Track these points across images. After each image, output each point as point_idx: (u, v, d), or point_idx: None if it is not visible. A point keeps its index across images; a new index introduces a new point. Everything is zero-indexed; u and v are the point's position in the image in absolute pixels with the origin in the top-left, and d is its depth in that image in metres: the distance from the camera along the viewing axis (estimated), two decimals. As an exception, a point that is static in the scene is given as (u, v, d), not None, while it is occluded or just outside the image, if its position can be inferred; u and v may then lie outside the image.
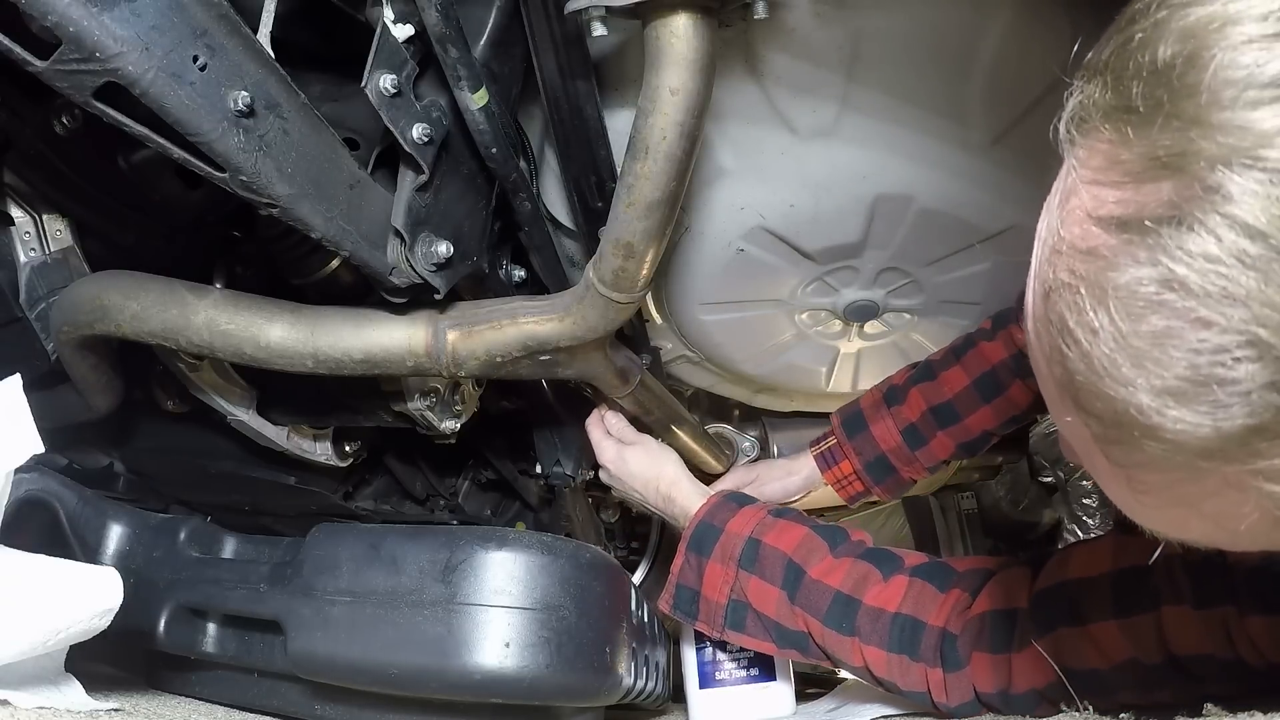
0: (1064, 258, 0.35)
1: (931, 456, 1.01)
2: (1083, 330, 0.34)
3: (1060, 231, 0.36)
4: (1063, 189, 0.37)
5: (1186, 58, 0.30)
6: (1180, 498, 0.36)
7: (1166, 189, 0.31)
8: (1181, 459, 0.33)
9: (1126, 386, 0.33)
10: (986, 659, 0.73)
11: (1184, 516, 0.37)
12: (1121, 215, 0.32)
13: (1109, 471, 0.39)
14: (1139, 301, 0.32)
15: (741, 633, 0.86)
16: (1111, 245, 0.33)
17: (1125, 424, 0.34)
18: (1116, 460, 0.37)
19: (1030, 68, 0.73)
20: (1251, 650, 0.58)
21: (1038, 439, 1.73)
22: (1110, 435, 0.35)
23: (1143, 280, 0.31)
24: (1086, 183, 0.35)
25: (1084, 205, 0.35)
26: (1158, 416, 0.32)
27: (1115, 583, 0.67)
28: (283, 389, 0.91)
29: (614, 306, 0.74)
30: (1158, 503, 0.37)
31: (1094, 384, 0.34)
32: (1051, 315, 0.37)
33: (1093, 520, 1.76)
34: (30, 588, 0.56)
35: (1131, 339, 0.32)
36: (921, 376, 1.01)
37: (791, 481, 1.10)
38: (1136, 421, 0.33)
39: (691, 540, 0.89)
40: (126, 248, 0.83)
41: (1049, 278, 0.37)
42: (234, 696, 0.82)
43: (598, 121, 0.75)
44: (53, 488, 0.81)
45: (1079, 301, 0.34)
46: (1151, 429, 0.33)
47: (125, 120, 0.51)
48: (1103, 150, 0.34)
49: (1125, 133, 0.33)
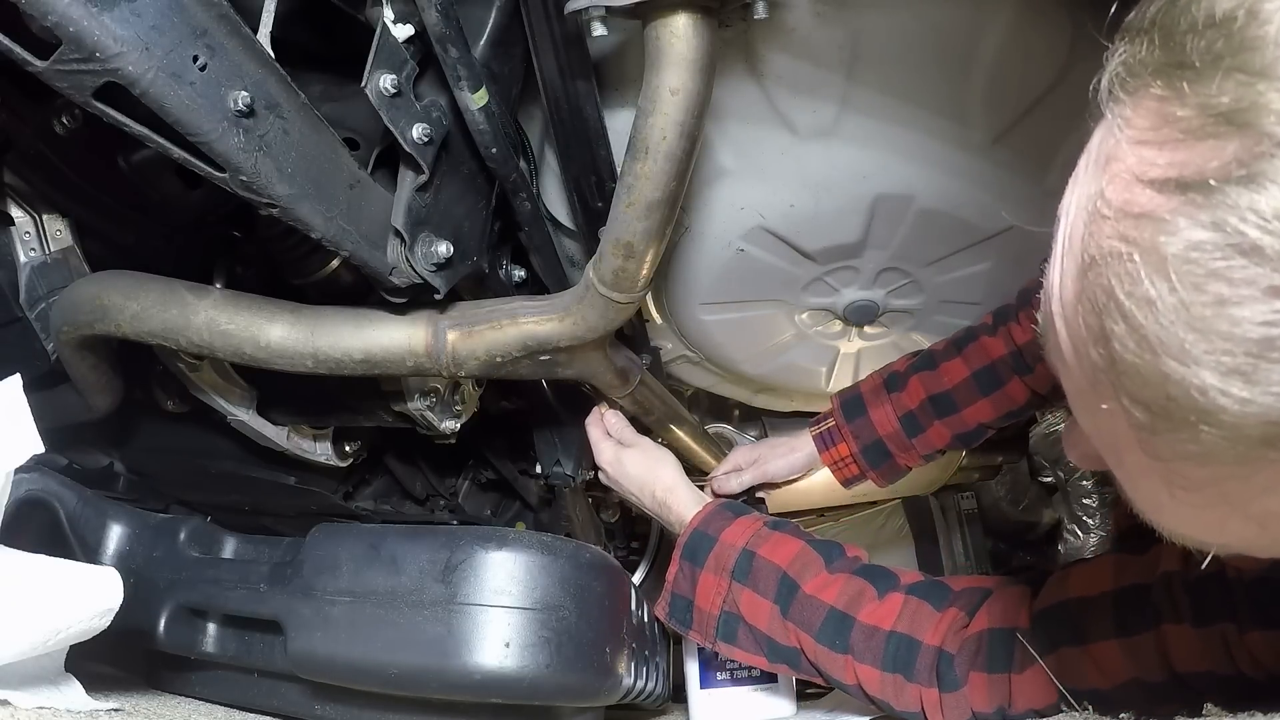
0: (1110, 223, 0.32)
1: (928, 445, 1.01)
2: (1135, 302, 0.31)
3: (1105, 196, 0.33)
4: (1101, 153, 0.34)
5: (1248, 10, 0.28)
6: (1225, 495, 0.33)
7: (1231, 146, 0.28)
8: (1241, 449, 0.30)
9: (1186, 364, 0.29)
10: (984, 679, 0.72)
11: (1225, 518, 0.34)
12: (1179, 176, 0.29)
13: (1143, 468, 0.35)
14: (1203, 268, 0.28)
15: (733, 645, 0.85)
16: (1171, 207, 0.29)
17: (1178, 409, 0.31)
18: (1158, 454, 0.33)
19: (1031, 67, 0.73)
20: (1252, 664, 0.57)
21: (1038, 439, 1.72)
22: (1157, 424, 0.32)
23: (1206, 245, 0.28)
24: (1133, 143, 0.32)
25: (1131, 167, 0.32)
26: (1222, 398, 0.29)
27: (1116, 601, 0.66)
28: (283, 389, 0.91)
29: (614, 306, 0.74)
30: (1198, 502, 0.34)
31: (1146, 364, 0.31)
32: (1093, 290, 0.33)
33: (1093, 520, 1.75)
34: (30, 588, 0.56)
35: (1194, 309, 0.29)
36: (922, 365, 1.00)
37: (796, 458, 1.08)
38: (1195, 404, 0.30)
39: (685, 549, 0.89)
40: (126, 248, 0.83)
41: (1090, 249, 0.33)
42: (234, 696, 0.82)
43: (598, 121, 0.75)
44: (53, 488, 0.81)
45: (1131, 270, 0.31)
46: (1211, 413, 0.30)
47: (125, 120, 0.51)
48: (1152, 108, 0.31)
49: (1180, 88, 0.30)
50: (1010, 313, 0.97)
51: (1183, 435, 0.31)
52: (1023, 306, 0.94)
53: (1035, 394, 0.95)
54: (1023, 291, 0.96)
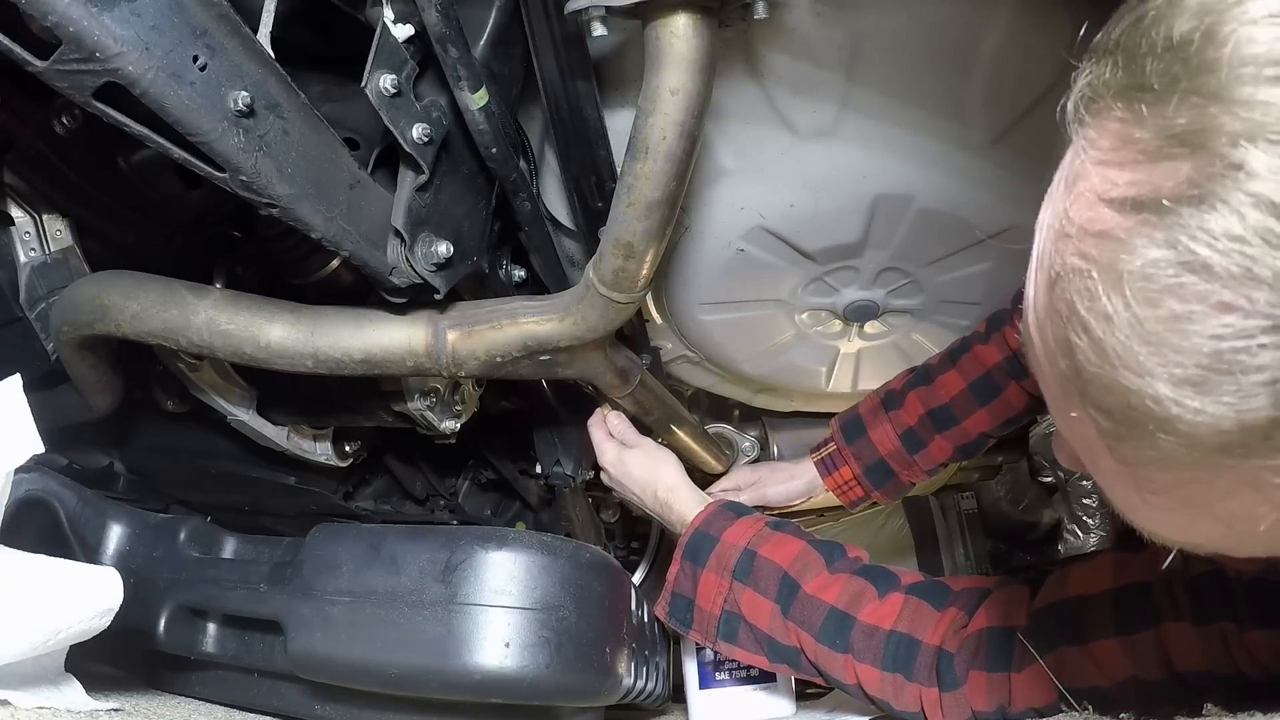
0: (1073, 242, 0.33)
1: (930, 460, 1.02)
2: (1094, 317, 0.32)
3: (1068, 215, 0.34)
4: (1069, 173, 0.36)
5: (1204, 33, 0.29)
6: (1191, 498, 0.34)
7: (1184, 167, 0.29)
8: (1197, 455, 0.31)
9: (1142, 376, 0.31)
10: (984, 677, 0.72)
11: (1193, 519, 0.35)
12: (1136, 195, 0.31)
13: (1114, 472, 0.37)
14: (1156, 285, 0.30)
15: (734, 644, 0.85)
16: (1126, 226, 0.31)
17: (1138, 417, 0.32)
18: (1124, 459, 0.35)
19: (1030, 67, 0.73)
20: (1251, 664, 0.57)
21: (1038, 439, 1.73)
22: (1120, 431, 0.33)
23: (1160, 262, 0.30)
24: (1096, 164, 0.33)
25: (1094, 187, 0.33)
26: (1175, 408, 0.30)
27: (1116, 600, 0.66)
28: (283, 389, 0.91)
29: (614, 306, 0.74)
30: (1166, 505, 0.35)
31: (1106, 375, 0.32)
32: (1059, 304, 0.34)
33: (1093, 520, 1.76)
34: (30, 588, 0.56)
35: (1148, 324, 0.30)
36: (918, 381, 1.01)
37: (794, 485, 1.10)
38: (1151, 414, 0.31)
39: (687, 548, 0.89)
40: (126, 248, 0.83)
41: (1056, 265, 0.35)
42: (234, 696, 0.82)
43: (598, 121, 0.75)
44: (53, 488, 0.81)
45: (1090, 287, 0.32)
46: (1167, 421, 0.31)
47: (125, 120, 0.51)
48: (1114, 129, 0.33)
49: (1139, 110, 0.31)
50: (1005, 317, 0.97)
51: (1144, 443, 0.33)
52: (1017, 310, 0.94)
53: (1033, 398, 0.95)
54: (1018, 295, 0.96)
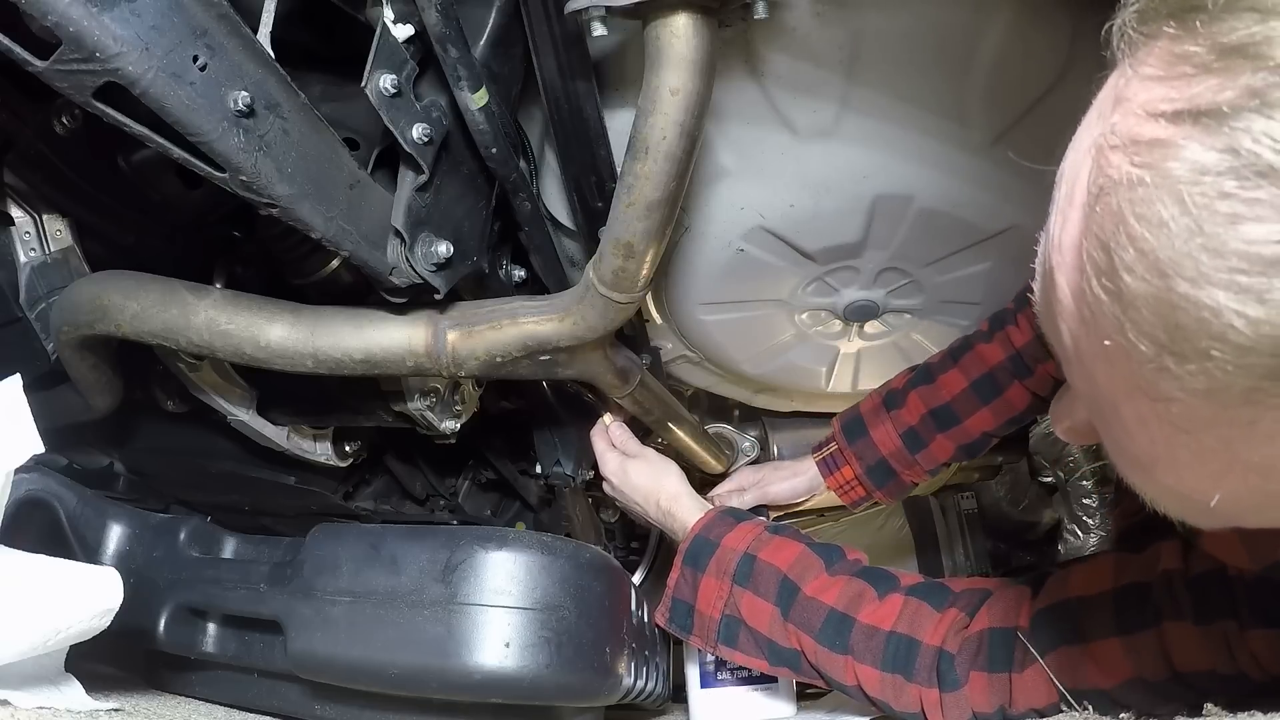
0: (1121, 153, 0.32)
1: (931, 459, 1.01)
2: (1146, 226, 0.30)
3: (1113, 131, 0.33)
4: (1114, 94, 0.34)
5: None
6: (1229, 439, 0.32)
7: (1243, 78, 0.29)
8: (1248, 381, 0.30)
9: (1199, 285, 0.29)
10: (984, 678, 0.72)
11: (1224, 467, 0.33)
12: (1192, 106, 0.30)
13: (1142, 416, 0.34)
14: (1216, 189, 0.29)
15: (734, 648, 0.85)
16: (1183, 134, 0.30)
17: (1189, 334, 0.30)
18: (1161, 392, 0.32)
19: (1031, 67, 0.73)
20: (1253, 664, 0.57)
21: (1038, 439, 1.73)
22: (1164, 356, 0.31)
23: (1220, 167, 0.29)
24: (1146, 80, 0.32)
25: (1144, 103, 0.32)
26: (1236, 318, 0.29)
27: (1117, 600, 0.66)
28: (283, 389, 0.91)
29: (614, 306, 0.74)
30: (1197, 449, 0.33)
31: (1155, 289, 0.30)
32: (1103, 220, 0.33)
33: (1093, 520, 1.75)
34: (30, 588, 0.56)
35: (1208, 228, 0.29)
36: (920, 380, 1.01)
37: (798, 483, 1.10)
38: (1207, 327, 0.29)
39: (687, 554, 0.89)
40: (126, 248, 0.83)
41: (1098, 180, 0.33)
42: (234, 696, 0.82)
43: (598, 121, 0.75)
44: (53, 488, 0.81)
45: (1143, 194, 0.31)
46: (1222, 334, 0.29)
47: (125, 120, 0.51)
48: (1164, 47, 0.32)
49: (1193, 26, 0.30)
50: (1008, 316, 0.97)
51: (1190, 367, 0.31)
52: (1020, 309, 0.94)
53: (1036, 397, 0.95)
54: (1019, 295, 0.96)
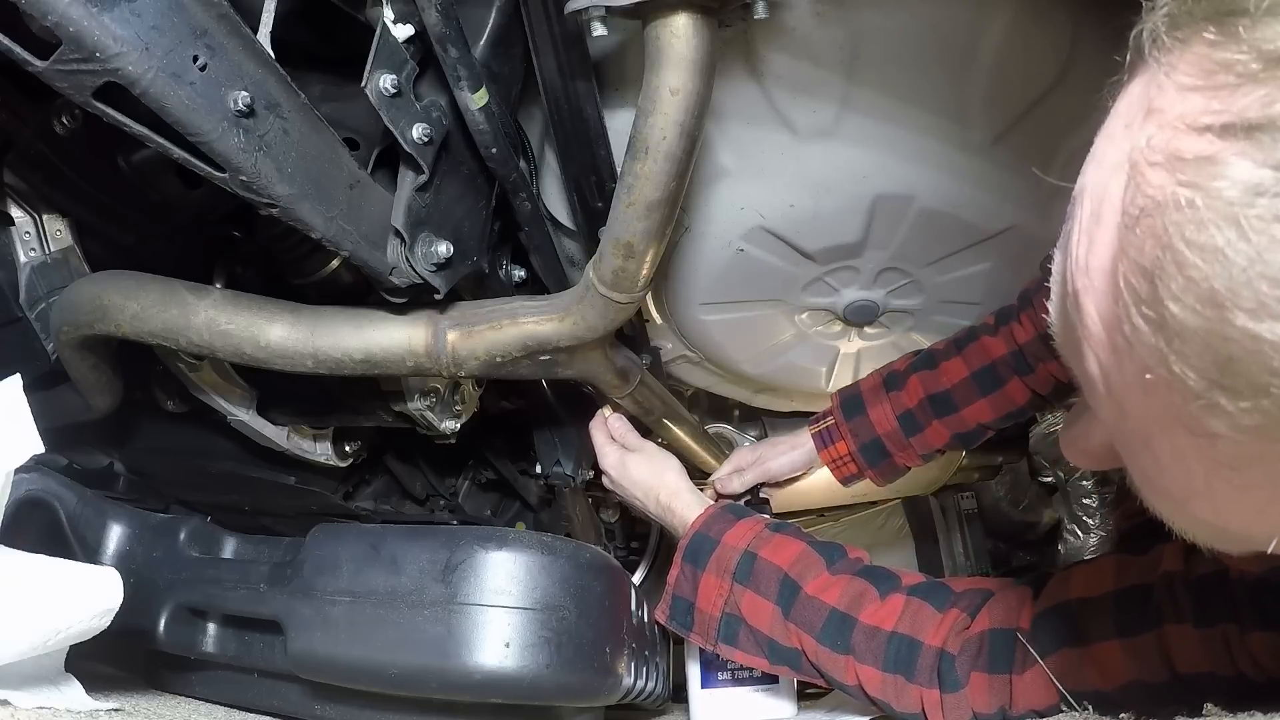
0: (1163, 170, 0.30)
1: (926, 444, 1.01)
2: (1198, 252, 0.28)
3: (1151, 143, 0.30)
4: (1144, 103, 0.32)
5: None
6: (1276, 476, 0.30)
7: None
8: None
9: (1261, 318, 0.27)
10: (985, 679, 0.72)
11: (1269, 500, 0.32)
12: (1242, 120, 0.28)
13: (1181, 450, 0.32)
14: (1274, 211, 0.26)
15: (734, 647, 0.85)
16: (1235, 151, 0.27)
17: (1245, 369, 0.28)
18: (1207, 428, 0.30)
19: (1031, 67, 0.73)
20: (1253, 666, 0.57)
21: (1038, 439, 1.72)
22: (1214, 391, 0.29)
23: (1279, 187, 0.26)
24: (1183, 89, 0.30)
25: (1183, 114, 0.30)
26: None
27: (1117, 602, 0.66)
28: (283, 389, 0.91)
29: (614, 306, 0.74)
30: (1242, 483, 0.31)
31: (1207, 320, 0.28)
32: (1143, 245, 0.30)
33: (1093, 520, 1.75)
34: (30, 588, 0.56)
35: (1269, 254, 0.27)
36: (922, 364, 1.00)
37: (796, 455, 1.09)
38: (1267, 361, 0.27)
39: (687, 551, 0.89)
40: (126, 248, 0.83)
41: (1136, 201, 0.31)
42: (234, 696, 0.82)
43: (598, 121, 0.75)
44: (53, 488, 0.81)
45: (1194, 218, 0.28)
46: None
47: (125, 120, 0.51)
48: (1202, 53, 0.29)
49: (1235, 31, 0.28)
50: (1012, 313, 0.96)
51: (1245, 404, 0.29)
52: (1024, 308, 0.94)
53: (1036, 395, 0.95)
54: (1023, 293, 0.96)
